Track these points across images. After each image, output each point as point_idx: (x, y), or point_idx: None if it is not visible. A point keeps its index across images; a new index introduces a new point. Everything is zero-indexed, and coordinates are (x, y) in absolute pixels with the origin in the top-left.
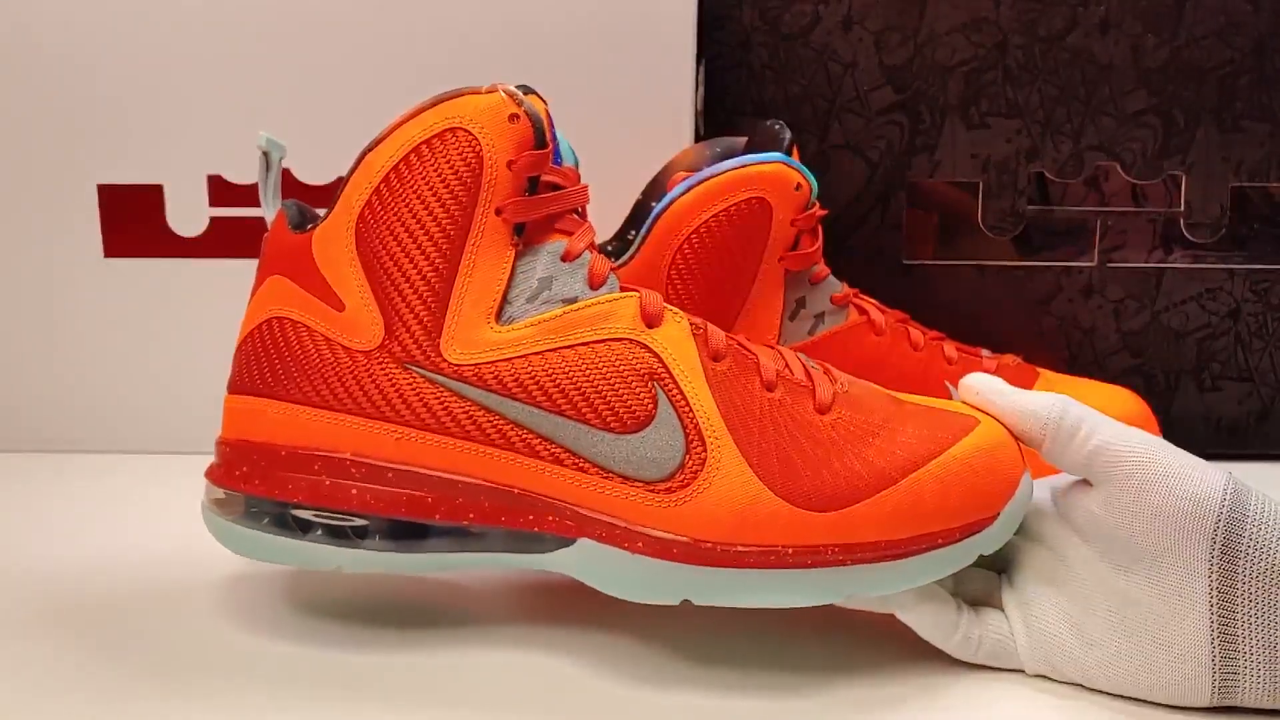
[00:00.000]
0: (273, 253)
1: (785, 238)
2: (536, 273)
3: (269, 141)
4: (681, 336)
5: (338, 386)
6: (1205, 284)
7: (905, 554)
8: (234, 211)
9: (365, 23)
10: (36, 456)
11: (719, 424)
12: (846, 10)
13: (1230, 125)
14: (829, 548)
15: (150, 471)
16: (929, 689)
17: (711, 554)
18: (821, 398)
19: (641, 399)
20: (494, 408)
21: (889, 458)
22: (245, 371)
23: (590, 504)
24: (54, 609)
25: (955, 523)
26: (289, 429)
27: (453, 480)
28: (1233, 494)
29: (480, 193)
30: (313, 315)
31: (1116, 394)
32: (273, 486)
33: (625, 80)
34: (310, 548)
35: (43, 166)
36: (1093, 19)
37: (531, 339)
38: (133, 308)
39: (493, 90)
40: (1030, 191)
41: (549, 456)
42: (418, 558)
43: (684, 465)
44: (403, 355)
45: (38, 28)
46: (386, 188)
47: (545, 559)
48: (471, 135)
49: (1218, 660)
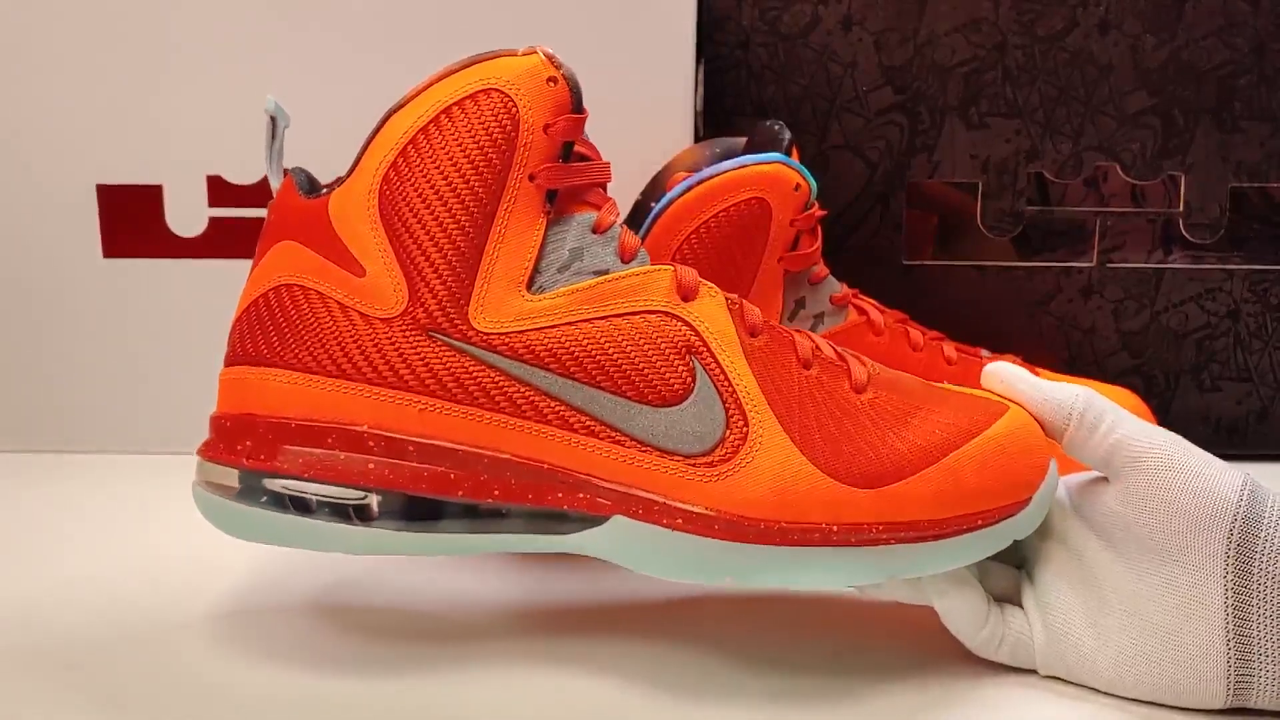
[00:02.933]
0: (281, 218)
1: (784, 238)
2: (568, 243)
3: (276, 106)
4: (718, 310)
5: (356, 355)
6: (1204, 284)
7: (946, 534)
8: (233, 212)
9: (364, 23)
10: (36, 456)
11: (759, 398)
12: (846, 10)
13: (1230, 126)
14: (873, 525)
15: (149, 471)
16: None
17: (754, 530)
18: (857, 377)
19: (679, 372)
20: (525, 378)
21: (929, 436)
22: (247, 341)
23: (626, 479)
24: (53, 609)
25: (993, 504)
26: (299, 400)
27: (478, 454)
28: (1249, 495)
29: (515, 156)
30: (328, 281)
31: (1116, 394)
32: (280, 461)
33: (625, 80)
34: (319, 527)
35: (43, 166)
36: (1092, 19)
37: (565, 309)
38: (132, 308)
39: (530, 52)
40: (1030, 192)
41: (583, 429)
42: (430, 538)
43: (725, 439)
44: (427, 322)
45: (38, 28)
46: (414, 149)
47: (569, 540)
48: (507, 96)
49: (1232, 662)
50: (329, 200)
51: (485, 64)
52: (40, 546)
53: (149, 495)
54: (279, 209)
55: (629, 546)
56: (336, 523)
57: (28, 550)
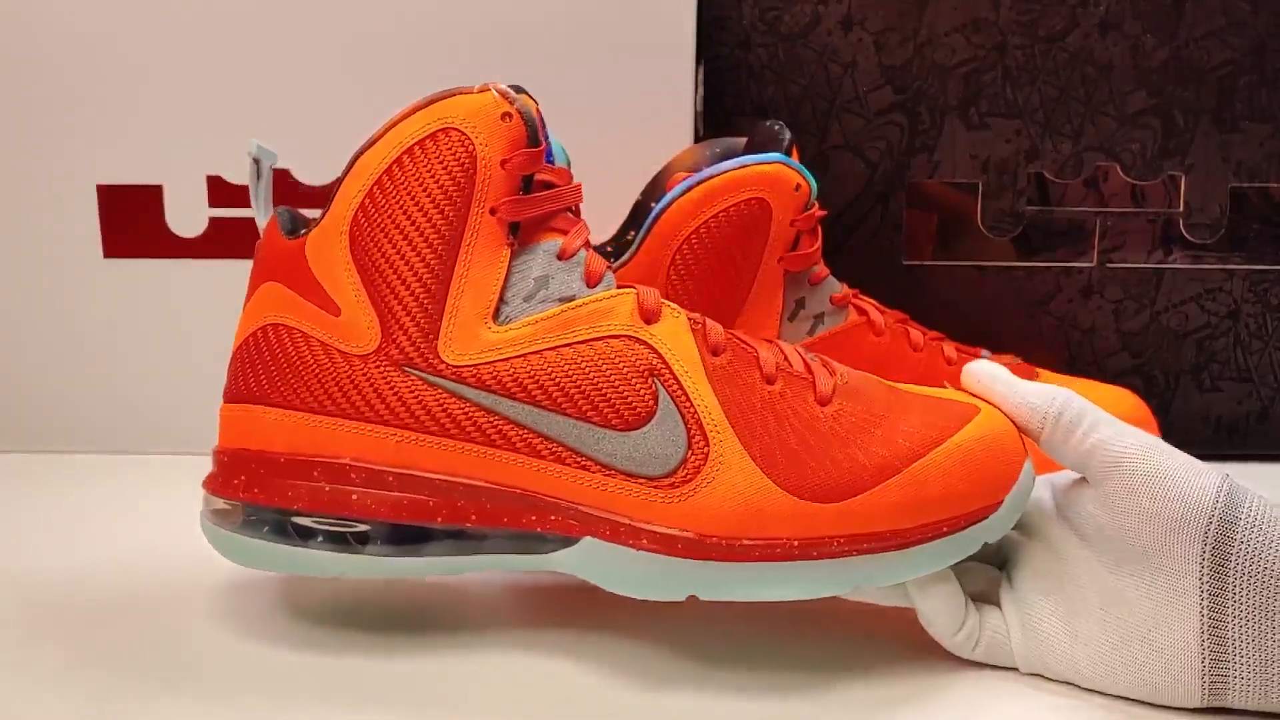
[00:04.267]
0: (266, 259)
1: (785, 238)
2: (533, 271)
3: (259, 149)
4: (680, 331)
5: (335, 391)
6: (1205, 284)
7: (910, 543)
8: (233, 212)
9: (364, 22)
10: (36, 457)
11: (720, 418)
12: (846, 11)
13: (1230, 126)
14: (834, 539)
15: (150, 472)
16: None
17: (717, 548)
18: (822, 389)
19: (642, 395)
20: (493, 408)
21: (891, 447)
22: (240, 379)
23: (593, 502)
24: (53, 609)
25: (959, 510)
26: (287, 435)
27: (453, 482)
28: (1226, 497)
29: (474, 192)
30: (309, 320)
31: (1116, 394)
32: (272, 494)
33: (625, 80)
34: (313, 555)
35: (43, 166)
36: (1092, 20)
37: (529, 338)
38: (132, 308)
39: (484, 90)
40: (1030, 192)
41: (550, 455)
42: (420, 562)
43: (687, 460)
44: (400, 358)
45: (38, 28)
46: (380, 190)
47: (548, 559)
48: (464, 135)
49: (1207, 662)
50: (305, 242)
51: (441, 103)
52: (40, 546)
53: (149, 495)
54: (264, 250)
55: (599, 566)
56: (334, 551)
57: (28, 550)
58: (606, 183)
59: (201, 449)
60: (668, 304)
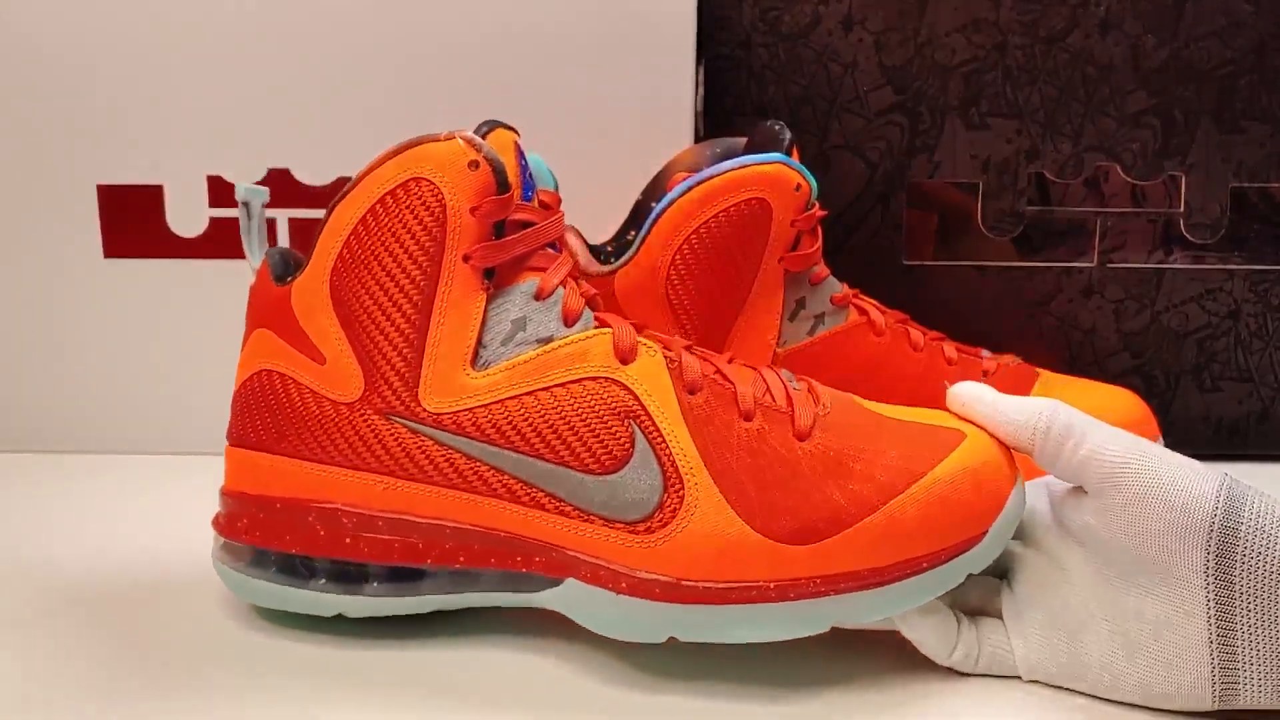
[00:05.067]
0: (257, 306)
1: (785, 238)
2: (510, 314)
3: (248, 191)
4: (656, 371)
5: (324, 439)
6: (1205, 284)
7: (889, 580)
8: (234, 212)
9: (365, 23)
10: (36, 456)
11: (696, 460)
12: (847, 11)
13: (1230, 126)
14: (810, 580)
15: (150, 471)
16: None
17: (693, 592)
18: (801, 424)
19: (619, 438)
20: (474, 454)
21: (869, 483)
22: (240, 423)
23: (574, 545)
24: (53, 609)
25: (940, 545)
26: (282, 481)
27: (441, 526)
28: (1226, 500)
29: (446, 240)
30: (297, 369)
31: (1117, 394)
32: (271, 538)
33: (625, 80)
34: (314, 596)
35: (43, 166)
36: (1093, 20)
37: (507, 383)
38: (133, 308)
39: (450, 138)
40: (1030, 192)
41: (530, 501)
42: (416, 601)
43: (662, 505)
44: (383, 406)
45: (38, 28)
46: (356, 240)
47: (537, 598)
48: (433, 184)
49: (1217, 670)
50: (291, 291)
51: (410, 153)
52: (40, 546)
53: (149, 495)
54: (256, 295)
55: (581, 608)
56: (336, 592)
57: (28, 550)
58: (607, 183)
59: (201, 449)
60: (644, 341)
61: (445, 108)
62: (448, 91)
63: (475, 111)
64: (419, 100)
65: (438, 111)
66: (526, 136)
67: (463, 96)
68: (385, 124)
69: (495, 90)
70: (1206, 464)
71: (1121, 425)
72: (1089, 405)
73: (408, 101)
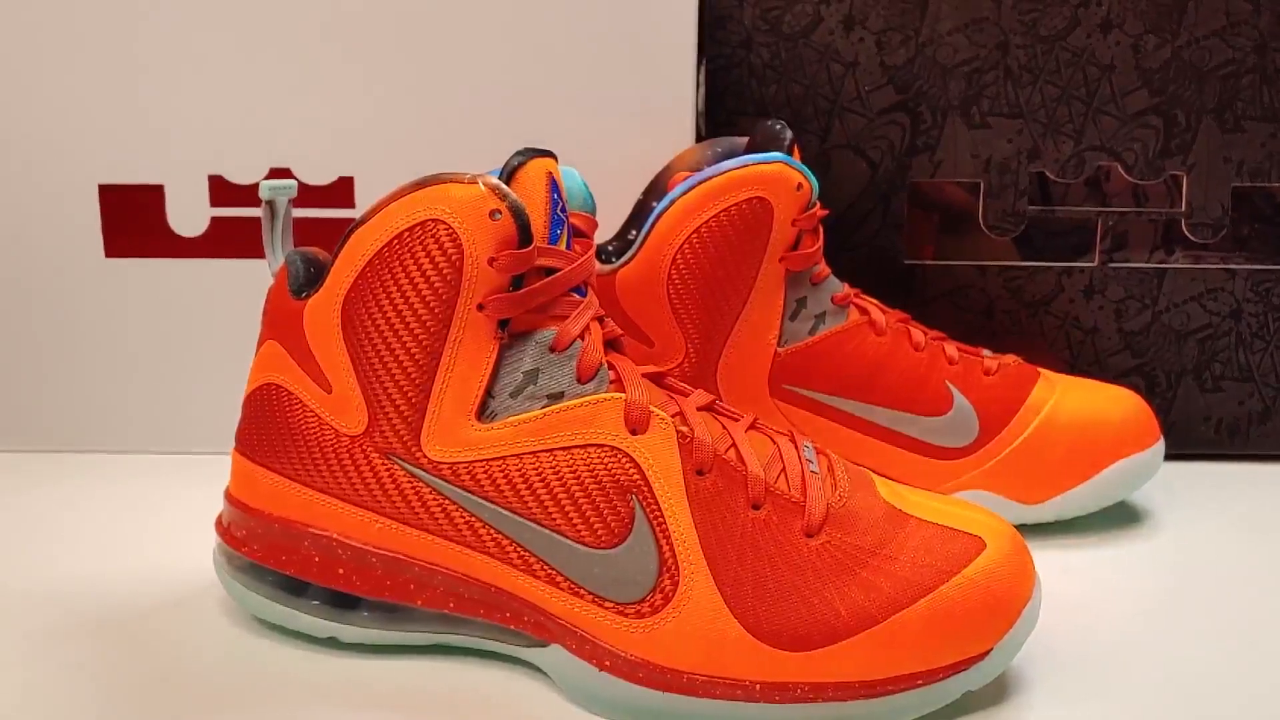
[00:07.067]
0: (272, 315)
1: (786, 238)
2: (524, 365)
3: (272, 188)
4: (666, 446)
5: (324, 467)
6: (1206, 284)
7: (878, 694)
8: (234, 211)
9: (365, 23)
10: (36, 456)
11: (695, 549)
12: (848, 10)
13: (1231, 125)
14: (798, 685)
15: (150, 471)
16: None
17: (677, 682)
18: (812, 517)
19: (619, 512)
20: (470, 508)
21: (874, 594)
22: (248, 430)
23: (563, 614)
24: (54, 608)
25: (939, 662)
26: (281, 503)
27: (433, 570)
28: None
29: (461, 287)
30: (305, 390)
31: (1117, 394)
32: (267, 556)
33: (626, 80)
34: (309, 620)
35: (43, 166)
36: (1094, 19)
37: (511, 439)
38: (133, 308)
39: (473, 182)
40: (1031, 191)
41: (521, 564)
42: (406, 636)
43: (657, 588)
44: (385, 446)
45: (39, 27)
46: (371, 272)
47: (523, 653)
48: (450, 228)
49: None
50: (305, 309)
51: (430, 191)
52: (40, 546)
53: (149, 495)
54: (272, 303)
55: (565, 675)
56: (329, 619)
57: (28, 550)
58: (608, 182)
59: (202, 448)
60: (658, 412)
61: (446, 108)
62: (449, 91)
63: (475, 111)
64: (420, 100)
65: (438, 111)
66: (528, 136)
67: (464, 96)
68: (386, 124)
69: (497, 90)
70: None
71: (1122, 425)
72: (1090, 405)
73: (408, 101)
